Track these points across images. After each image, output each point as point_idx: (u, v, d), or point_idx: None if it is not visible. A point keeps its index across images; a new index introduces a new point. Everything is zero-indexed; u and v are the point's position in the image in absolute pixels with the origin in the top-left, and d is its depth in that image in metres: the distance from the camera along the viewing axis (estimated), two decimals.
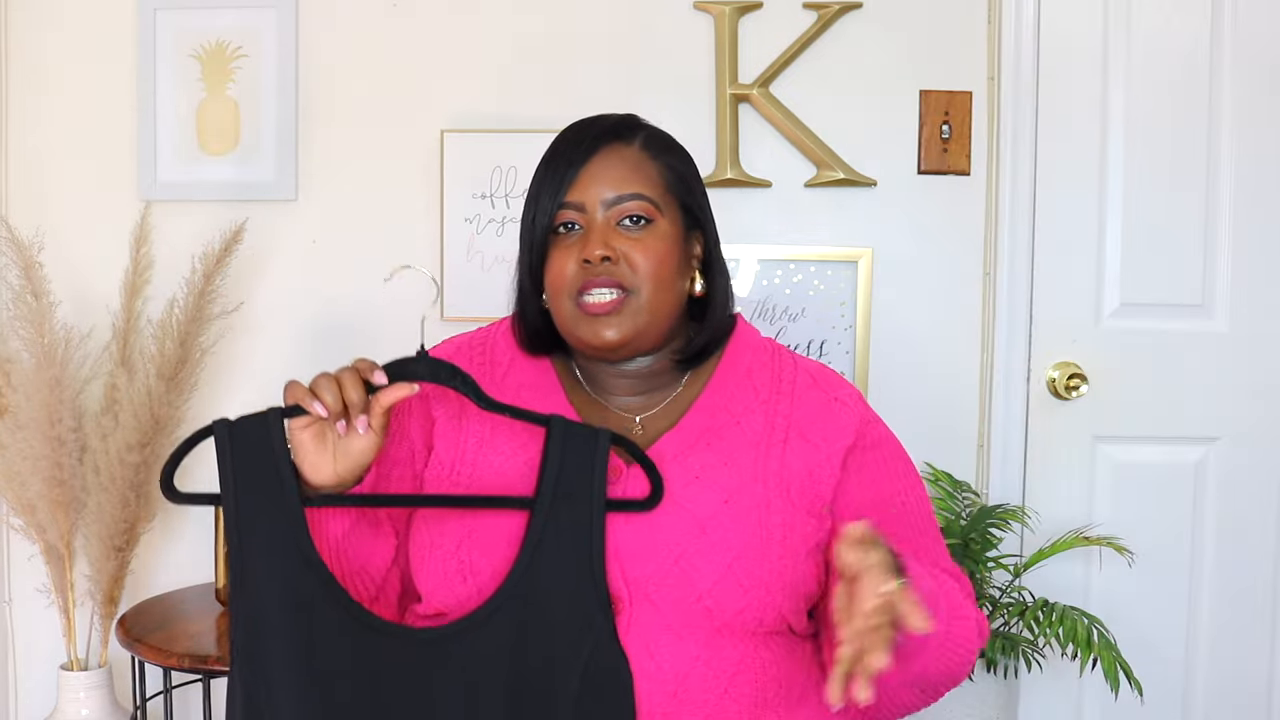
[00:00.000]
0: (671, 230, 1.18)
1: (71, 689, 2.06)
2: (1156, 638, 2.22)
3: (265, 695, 1.05)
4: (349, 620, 1.06)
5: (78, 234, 2.21)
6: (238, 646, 1.06)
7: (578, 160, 1.17)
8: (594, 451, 1.09)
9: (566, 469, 1.08)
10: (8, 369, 2.00)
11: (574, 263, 1.15)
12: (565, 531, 1.07)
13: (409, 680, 1.06)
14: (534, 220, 1.18)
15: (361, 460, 1.10)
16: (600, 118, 1.22)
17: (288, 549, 1.05)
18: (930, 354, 2.23)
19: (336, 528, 1.13)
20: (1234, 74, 2.17)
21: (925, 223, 2.22)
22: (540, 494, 1.08)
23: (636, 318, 1.15)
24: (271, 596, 1.05)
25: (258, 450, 1.06)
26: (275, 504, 1.06)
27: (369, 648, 1.06)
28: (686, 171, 1.22)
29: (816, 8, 2.17)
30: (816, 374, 1.24)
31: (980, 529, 2.00)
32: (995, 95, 2.18)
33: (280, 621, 1.05)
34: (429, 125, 2.20)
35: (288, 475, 1.07)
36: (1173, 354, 2.20)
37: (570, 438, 1.09)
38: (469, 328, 1.35)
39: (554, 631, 1.06)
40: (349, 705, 1.05)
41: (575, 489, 1.08)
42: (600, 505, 1.08)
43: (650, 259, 1.15)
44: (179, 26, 2.20)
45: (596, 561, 1.07)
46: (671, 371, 1.23)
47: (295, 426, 1.08)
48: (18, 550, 2.22)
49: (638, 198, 1.16)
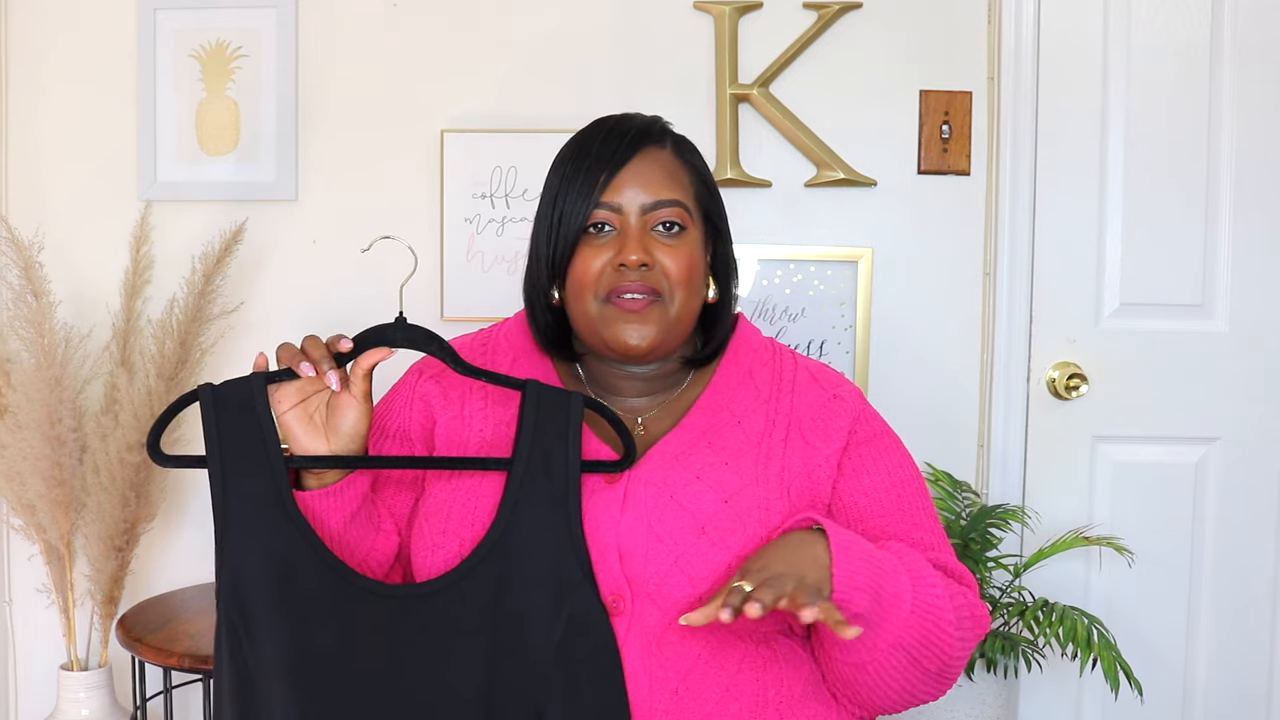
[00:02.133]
0: (699, 237, 1.19)
1: (71, 689, 2.06)
2: (1156, 638, 2.22)
3: (249, 643, 1.06)
4: (331, 575, 1.07)
5: (78, 234, 2.21)
6: (223, 592, 1.07)
7: (615, 161, 1.16)
8: (568, 414, 1.12)
9: (542, 431, 1.11)
10: (8, 369, 2.00)
11: (606, 264, 1.15)
12: (542, 491, 1.09)
13: (389, 634, 1.07)
14: (561, 217, 1.17)
15: (353, 435, 1.12)
16: (630, 117, 1.22)
17: (271, 507, 1.07)
18: (930, 354, 2.23)
19: (333, 522, 1.13)
20: (1234, 74, 2.17)
21: (925, 223, 2.22)
22: (517, 455, 1.10)
23: (664, 324, 1.16)
24: (255, 552, 1.07)
25: (242, 413, 1.09)
26: (259, 464, 1.08)
27: (350, 602, 1.07)
28: (708, 177, 1.23)
29: (816, 8, 2.17)
30: (817, 372, 1.24)
31: (980, 529, 2.00)
32: (995, 95, 2.18)
33: (263, 577, 1.06)
34: (429, 125, 2.20)
35: (271, 437, 1.09)
36: (1173, 354, 2.20)
37: (544, 402, 1.12)
38: (469, 327, 1.35)
39: (532, 588, 1.08)
40: (329, 657, 1.07)
41: (551, 450, 1.10)
42: (576, 466, 1.10)
43: (683, 266, 1.16)
44: (179, 26, 2.20)
45: (574, 520, 1.09)
46: (676, 373, 1.24)
47: (281, 411, 1.10)
48: (18, 550, 2.22)
49: (674, 204, 1.17)
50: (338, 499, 1.13)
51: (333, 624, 1.07)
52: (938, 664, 1.11)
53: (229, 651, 1.07)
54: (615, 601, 1.11)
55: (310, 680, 1.06)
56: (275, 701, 1.06)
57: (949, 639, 1.10)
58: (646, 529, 1.12)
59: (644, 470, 1.15)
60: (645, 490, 1.14)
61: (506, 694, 1.06)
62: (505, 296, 2.15)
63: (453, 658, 1.07)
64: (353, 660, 1.07)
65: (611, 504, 1.13)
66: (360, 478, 1.14)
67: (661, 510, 1.13)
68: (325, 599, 1.07)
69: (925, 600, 1.09)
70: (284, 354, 1.12)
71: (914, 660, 1.10)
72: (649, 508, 1.13)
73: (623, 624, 1.11)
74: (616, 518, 1.13)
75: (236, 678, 1.07)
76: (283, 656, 1.06)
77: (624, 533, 1.12)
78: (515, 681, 1.07)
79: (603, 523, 1.12)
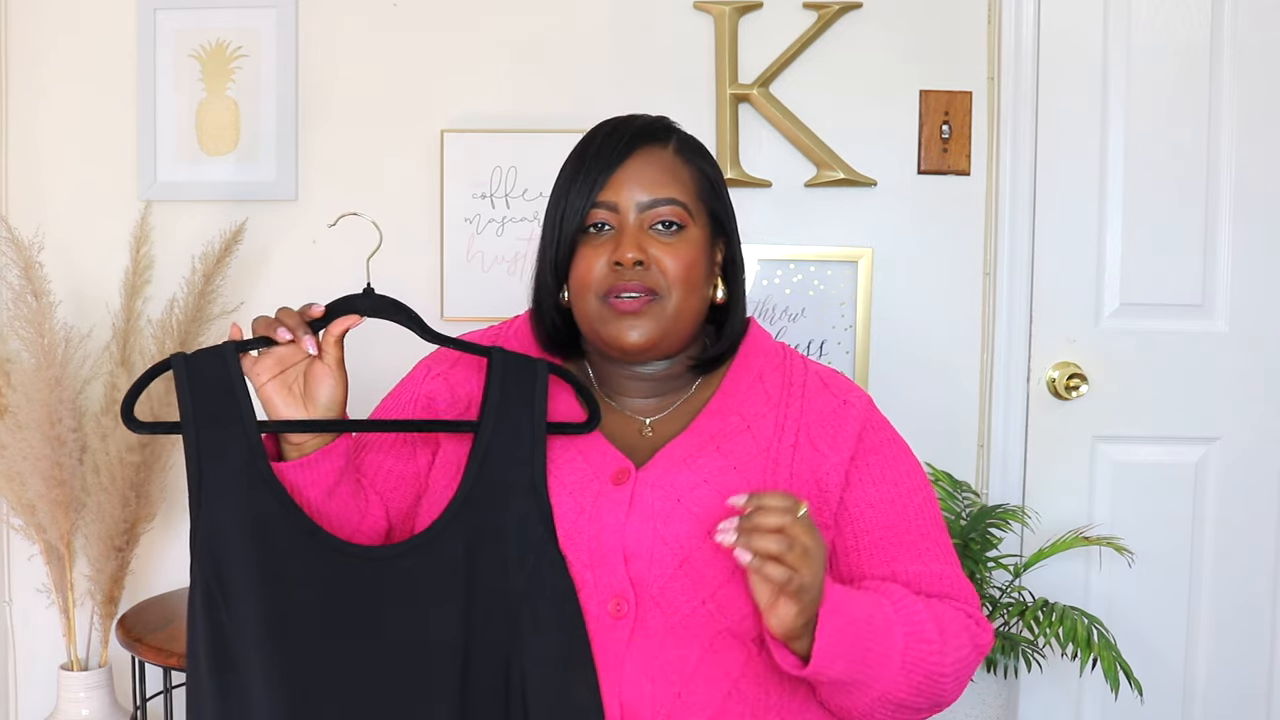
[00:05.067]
0: (701, 236, 1.19)
1: (71, 689, 2.06)
2: (1156, 638, 2.22)
3: (225, 607, 1.06)
4: (305, 537, 1.08)
5: (78, 234, 2.21)
6: (198, 556, 1.07)
7: (613, 160, 1.17)
8: (533, 380, 1.15)
9: (508, 395, 1.14)
10: (8, 369, 2.00)
11: (604, 263, 1.16)
12: (509, 452, 1.12)
13: (364, 594, 1.08)
14: (563, 217, 1.18)
15: (330, 404, 1.13)
16: (633, 117, 1.22)
17: (246, 470, 1.08)
18: (930, 354, 2.23)
19: (314, 494, 1.14)
20: (1234, 74, 2.17)
21: (925, 223, 2.22)
22: (484, 418, 1.13)
23: (662, 322, 1.16)
24: (230, 516, 1.07)
25: (215, 380, 1.10)
26: (233, 430, 1.09)
27: (326, 565, 1.08)
28: (716, 177, 1.23)
29: (816, 8, 2.17)
30: (828, 378, 1.24)
31: (980, 529, 2.00)
32: (995, 95, 2.18)
33: (239, 540, 1.07)
34: (429, 125, 2.20)
35: (245, 403, 1.10)
36: (1173, 354, 2.20)
37: (510, 368, 1.15)
38: (469, 327, 1.35)
39: (499, 544, 1.10)
40: (307, 618, 1.07)
41: (517, 413, 1.13)
42: (541, 429, 1.13)
43: (681, 264, 1.16)
44: (179, 26, 2.20)
45: (539, 479, 1.12)
46: (685, 375, 1.23)
47: (260, 383, 1.12)
48: (18, 550, 2.22)
49: (672, 203, 1.17)
50: (315, 470, 1.13)
51: (309, 586, 1.07)
52: (929, 701, 1.12)
53: (205, 616, 1.07)
54: (619, 603, 1.11)
55: (288, 643, 1.06)
56: (254, 665, 1.06)
57: (942, 685, 1.12)
58: (652, 531, 1.12)
59: (651, 473, 1.15)
60: (652, 493, 1.14)
61: (482, 649, 1.08)
62: (505, 296, 2.15)
63: (430, 615, 1.09)
64: (331, 621, 1.08)
65: (618, 505, 1.13)
66: (337, 449, 1.14)
67: (668, 513, 1.13)
68: (301, 561, 1.07)
69: (916, 655, 1.09)
70: (259, 324, 1.13)
71: (901, 705, 1.11)
72: (655, 510, 1.13)
73: (625, 626, 1.11)
74: (622, 519, 1.13)
75: (212, 642, 1.07)
76: (260, 619, 1.06)
77: (629, 534, 1.12)
78: (489, 637, 1.09)
79: (608, 524, 1.12)
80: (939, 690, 1.12)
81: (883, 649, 1.07)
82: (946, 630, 1.13)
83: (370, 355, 1.47)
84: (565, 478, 1.15)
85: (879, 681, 1.08)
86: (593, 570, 1.12)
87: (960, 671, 1.14)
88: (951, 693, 1.14)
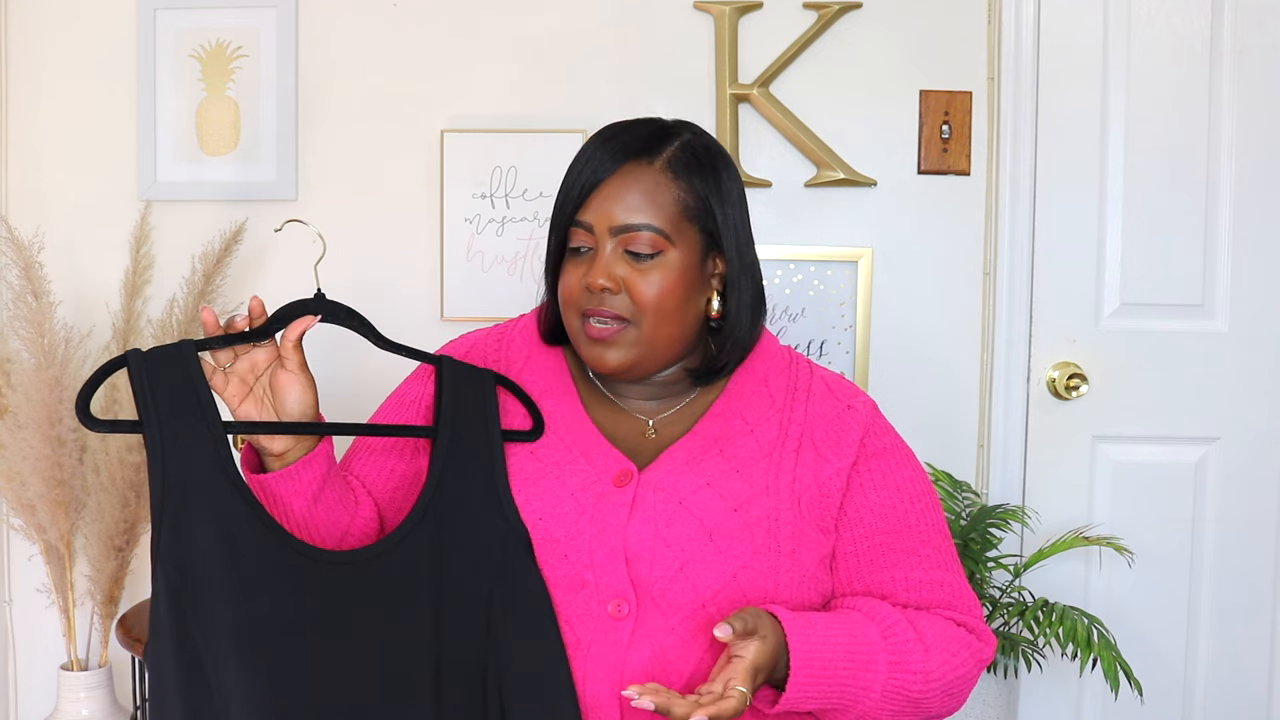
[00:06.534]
0: (683, 258, 1.16)
1: (71, 689, 2.06)
2: (1156, 638, 2.22)
3: (192, 611, 1.04)
4: (272, 541, 1.07)
5: (78, 234, 2.20)
6: (162, 559, 1.04)
7: (595, 177, 1.15)
8: (483, 388, 1.17)
9: (460, 403, 1.16)
10: (8, 369, 2.00)
11: (581, 283, 1.16)
12: (466, 458, 1.14)
13: (330, 599, 1.08)
14: (553, 228, 1.19)
15: (302, 411, 1.11)
16: (633, 125, 1.20)
17: (212, 472, 1.06)
18: (930, 354, 2.23)
19: (298, 505, 1.13)
20: (1234, 74, 2.17)
21: (925, 223, 2.22)
22: (440, 424, 1.15)
23: (635, 348, 1.15)
24: (197, 519, 1.05)
25: (176, 380, 1.07)
26: (197, 431, 1.06)
27: (291, 568, 1.07)
28: (711, 191, 1.17)
29: (816, 8, 2.17)
30: (832, 383, 1.24)
31: (980, 529, 2.00)
32: (995, 95, 2.18)
33: (206, 542, 1.05)
34: (429, 125, 2.20)
35: (208, 403, 1.07)
36: (1172, 354, 2.20)
37: (458, 376, 1.17)
38: (469, 327, 1.36)
39: (466, 552, 1.11)
40: (276, 622, 1.06)
41: (470, 420, 1.16)
42: (497, 435, 1.16)
43: (653, 292, 1.14)
44: (179, 26, 2.20)
45: (501, 488, 1.14)
46: (685, 380, 1.23)
47: (234, 408, 1.11)
48: (18, 550, 2.22)
49: (646, 228, 1.14)
50: (298, 480, 1.12)
51: (277, 589, 1.06)
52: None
53: (171, 623, 1.03)
54: (619, 605, 1.11)
55: (259, 646, 1.05)
56: (228, 669, 1.04)
57: (926, 705, 1.12)
58: (654, 533, 1.12)
59: (654, 474, 1.15)
60: (654, 495, 1.14)
61: (454, 652, 1.09)
62: (505, 296, 2.15)
63: (401, 619, 1.09)
64: (298, 625, 1.07)
65: (620, 507, 1.13)
66: (318, 456, 1.13)
67: (670, 515, 1.13)
68: (268, 564, 1.06)
69: (898, 684, 1.10)
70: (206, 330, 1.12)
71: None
72: (657, 512, 1.13)
73: (626, 627, 1.11)
74: (624, 521, 1.13)
75: (179, 650, 1.03)
76: (229, 623, 1.04)
77: (631, 536, 1.12)
78: (461, 638, 1.09)
79: (610, 525, 1.12)
80: (923, 710, 1.13)
81: (861, 682, 1.08)
82: (933, 651, 1.13)
83: (370, 356, 1.47)
84: (567, 479, 1.15)
85: (858, 706, 1.09)
86: (594, 571, 1.12)
87: (953, 688, 1.14)
88: (940, 708, 1.14)
